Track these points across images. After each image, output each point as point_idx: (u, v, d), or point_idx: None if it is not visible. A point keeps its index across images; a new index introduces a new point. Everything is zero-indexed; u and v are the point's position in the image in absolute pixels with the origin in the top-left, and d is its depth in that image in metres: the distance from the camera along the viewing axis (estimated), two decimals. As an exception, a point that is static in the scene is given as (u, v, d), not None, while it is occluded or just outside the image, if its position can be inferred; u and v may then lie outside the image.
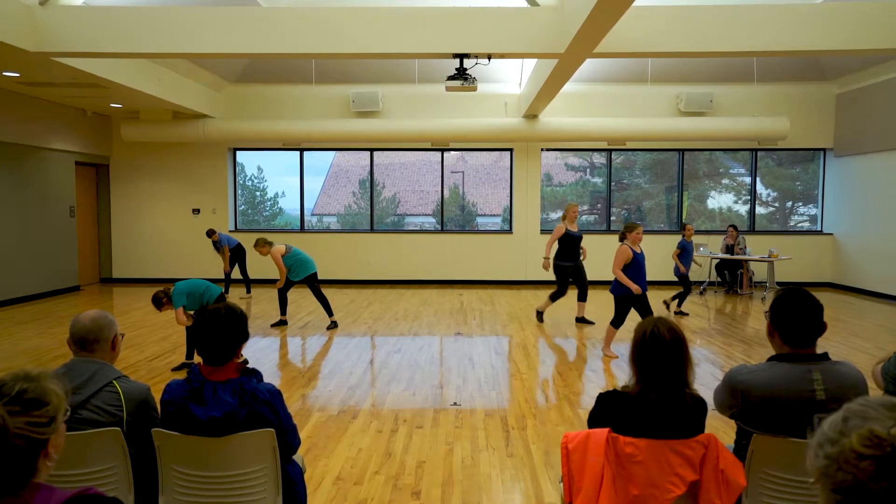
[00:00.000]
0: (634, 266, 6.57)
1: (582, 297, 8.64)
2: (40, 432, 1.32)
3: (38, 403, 1.34)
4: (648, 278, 6.72)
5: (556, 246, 8.45)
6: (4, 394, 1.32)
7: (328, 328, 8.29)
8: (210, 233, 11.04)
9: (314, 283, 8.35)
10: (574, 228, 8.40)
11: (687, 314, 9.36)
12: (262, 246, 8.19)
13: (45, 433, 1.33)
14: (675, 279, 9.40)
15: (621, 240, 6.72)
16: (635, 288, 6.47)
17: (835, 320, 8.87)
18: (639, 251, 6.64)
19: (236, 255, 11.11)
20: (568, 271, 8.41)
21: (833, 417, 1.02)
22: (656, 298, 9.57)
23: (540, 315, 8.69)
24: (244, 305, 10.09)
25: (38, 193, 10.71)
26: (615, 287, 6.68)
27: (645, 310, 6.56)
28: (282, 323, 8.51)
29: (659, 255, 12.22)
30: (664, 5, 7.07)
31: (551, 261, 8.45)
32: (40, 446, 1.33)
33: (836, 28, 6.95)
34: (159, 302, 6.03)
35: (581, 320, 8.65)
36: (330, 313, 8.41)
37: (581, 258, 8.51)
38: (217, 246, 11.03)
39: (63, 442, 1.42)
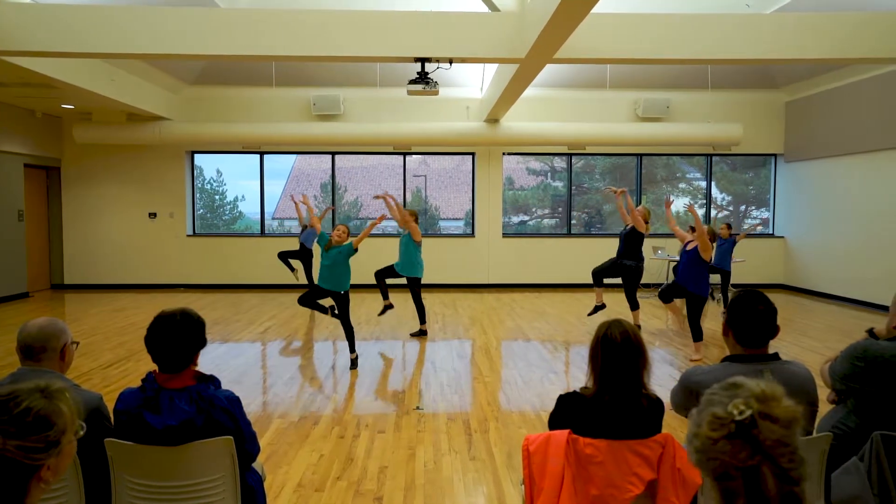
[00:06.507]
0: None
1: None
2: (32, 458, 1.19)
3: (38, 427, 1.20)
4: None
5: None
6: (7, 409, 1.19)
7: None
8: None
9: (418, 288, 8.09)
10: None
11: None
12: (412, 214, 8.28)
13: (38, 460, 1.20)
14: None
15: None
16: None
17: (786, 321, 9.14)
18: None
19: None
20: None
21: (693, 411, 1.08)
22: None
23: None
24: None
25: (-15, 197, 10.32)
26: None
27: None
28: (421, 333, 8.03)
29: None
30: (622, 13, 7.23)
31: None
32: (31, 471, 1.20)
33: (785, 37, 7.20)
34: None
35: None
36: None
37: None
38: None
39: (66, 464, 1.28)
